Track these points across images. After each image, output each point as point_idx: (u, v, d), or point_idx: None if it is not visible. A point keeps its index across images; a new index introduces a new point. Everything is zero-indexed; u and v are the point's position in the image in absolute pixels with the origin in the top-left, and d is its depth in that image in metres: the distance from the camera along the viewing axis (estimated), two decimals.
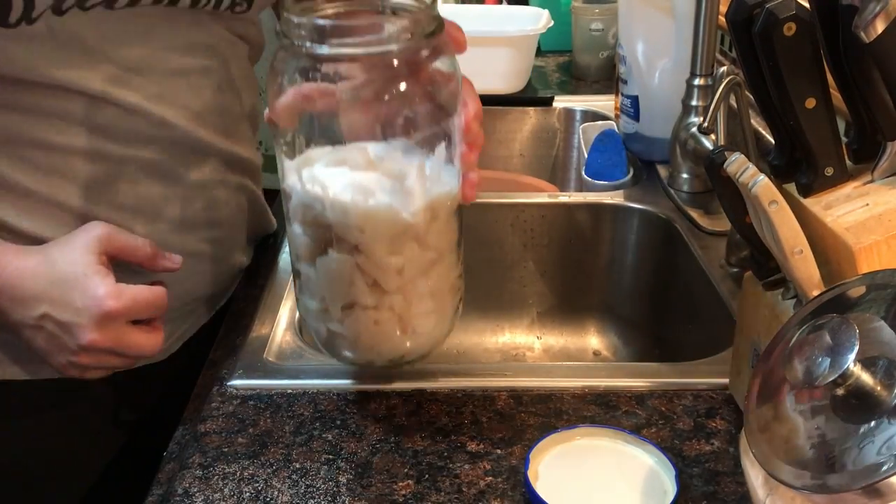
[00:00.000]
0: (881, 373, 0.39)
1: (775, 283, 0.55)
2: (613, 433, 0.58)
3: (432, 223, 0.53)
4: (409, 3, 0.52)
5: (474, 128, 0.53)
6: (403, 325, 0.54)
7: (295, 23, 0.48)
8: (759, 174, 0.48)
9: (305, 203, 0.52)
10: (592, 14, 1.30)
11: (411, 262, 0.52)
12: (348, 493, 0.54)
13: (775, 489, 0.42)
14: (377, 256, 0.51)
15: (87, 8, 0.53)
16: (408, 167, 0.51)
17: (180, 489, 0.54)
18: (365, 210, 0.50)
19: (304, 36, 0.48)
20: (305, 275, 0.55)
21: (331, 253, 0.52)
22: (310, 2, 0.51)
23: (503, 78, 1.24)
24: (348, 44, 0.48)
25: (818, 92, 0.49)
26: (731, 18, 0.50)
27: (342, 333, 0.55)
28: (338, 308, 0.54)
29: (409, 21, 0.49)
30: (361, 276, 0.52)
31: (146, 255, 0.59)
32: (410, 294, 0.53)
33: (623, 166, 1.03)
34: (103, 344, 0.55)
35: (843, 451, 0.39)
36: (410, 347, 0.56)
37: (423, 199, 0.51)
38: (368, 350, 0.55)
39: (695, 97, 0.90)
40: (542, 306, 0.99)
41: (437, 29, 0.50)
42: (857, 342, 0.39)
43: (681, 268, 0.87)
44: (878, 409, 0.39)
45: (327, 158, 0.52)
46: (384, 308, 0.53)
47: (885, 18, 0.44)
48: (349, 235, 0.51)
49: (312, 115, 0.51)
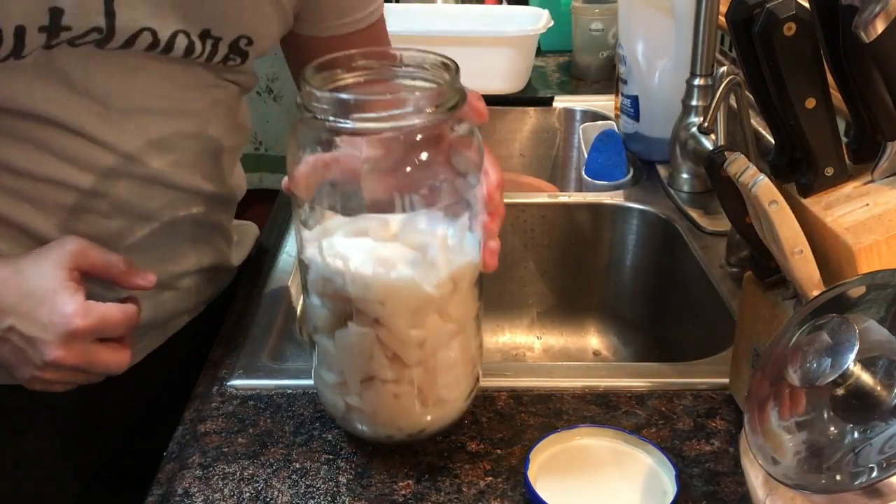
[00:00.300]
0: (881, 373, 0.39)
1: (775, 283, 0.55)
2: (613, 433, 0.58)
3: (454, 294, 0.52)
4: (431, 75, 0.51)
5: (496, 197, 0.53)
6: (424, 399, 0.53)
7: (317, 96, 0.48)
8: (758, 174, 0.48)
9: (325, 276, 0.50)
10: (592, 14, 1.30)
11: (432, 335, 0.51)
12: (348, 493, 0.54)
13: (775, 489, 0.42)
14: (398, 330, 0.50)
15: (76, 45, 0.53)
16: (429, 238, 0.50)
17: (180, 489, 0.54)
18: (386, 283, 0.49)
19: (326, 110, 0.47)
20: (323, 347, 0.54)
21: (350, 326, 0.51)
22: (329, 71, 0.51)
23: (503, 78, 1.24)
24: (370, 118, 0.47)
25: (818, 92, 0.49)
26: (731, 18, 0.50)
27: (360, 407, 0.54)
28: (356, 382, 0.53)
29: (432, 95, 0.48)
30: (381, 349, 0.51)
31: (119, 273, 0.58)
32: (431, 367, 0.52)
33: (623, 166, 1.03)
34: (68, 361, 0.55)
35: (843, 451, 0.39)
36: (430, 421, 0.55)
37: (446, 270, 0.51)
38: (388, 424, 0.54)
39: (695, 97, 0.90)
40: (542, 306, 0.99)
41: (459, 102, 0.49)
42: (857, 342, 0.39)
43: (681, 268, 0.87)
44: (878, 408, 0.39)
45: (347, 229, 0.51)
46: (404, 381, 0.52)
47: (885, 18, 0.44)
48: (370, 309, 0.50)
49: (332, 185, 0.50)
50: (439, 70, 0.51)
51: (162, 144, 0.61)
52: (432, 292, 0.50)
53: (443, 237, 0.51)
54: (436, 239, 0.50)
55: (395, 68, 0.52)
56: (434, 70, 0.51)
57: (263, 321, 0.72)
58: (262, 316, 0.73)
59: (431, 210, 0.50)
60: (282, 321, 0.72)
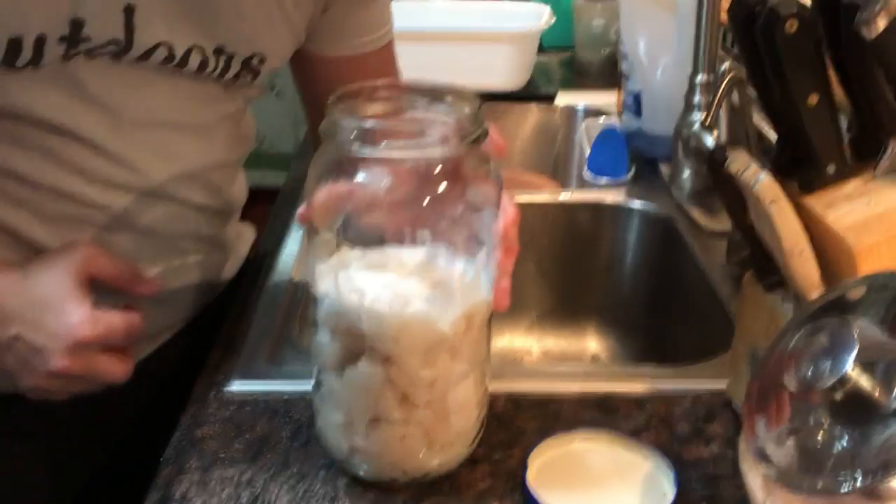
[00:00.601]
0: (880, 375, 0.39)
1: (775, 285, 0.54)
2: (612, 437, 0.57)
3: (467, 333, 0.51)
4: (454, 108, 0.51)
5: (511, 234, 0.53)
6: (430, 442, 0.52)
7: (339, 125, 0.48)
8: (760, 173, 0.48)
9: (339, 311, 0.50)
10: (594, 10, 1.29)
11: (443, 376, 0.51)
12: (346, 498, 0.54)
13: (774, 493, 0.41)
14: (410, 368, 0.49)
15: (93, 56, 0.54)
16: (445, 273, 0.50)
17: (178, 494, 0.54)
18: (401, 319, 0.48)
19: (348, 138, 0.47)
20: (329, 386, 0.52)
21: (361, 364, 0.50)
22: (351, 101, 0.51)
23: (505, 75, 1.24)
24: (393, 147, 0.47)
25: (820, 89, 0.49)
26: (732, 15, 0.49)
27: (366, 449, 0.52)
28: (363, 422, 0.51)
29: (455, 127, 0.48)
30: (391, 389, 0.50)
31: (125, 281, 0.58)
32: (439, 409, 0.51)
33: (625, 163, 1.03)
34: (73, 370, 0.54)
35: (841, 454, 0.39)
36: (436, 465, 0.54)
37: (461, 307, 0.50)
38: (392, 467, 0.53)
39: (697, 94, 0.90)
40: (540, 309, 0.98)
41: (482, 135, 0.49)
42: (857, 344, 0.39)
43: (680, 269, 0.86)
44: (876, 411, 0.39)
45: (362, 262, 0.51)
46: (412, 423, 0.51)
47: (887, 16, 0.44)
48: (383, 345, 0.49)
49: (349, 216, 0.50)
50: (462, 103, 0.51)
51: (167, 157, 0.61)
52: (446, 330, 0.50)
53: (459, 273, 0.50)
54: (451, 274, 0.50)
55: (417, 100, 0.52)
56: (456, 102, 0.51)
57: (261, 325, 0.72)
58: (259, 319, 0.73)
59: (447, 244, 0.50)
60: (280, 325, 0.72)
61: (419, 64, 1.24)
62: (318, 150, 0.51)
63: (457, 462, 0.55)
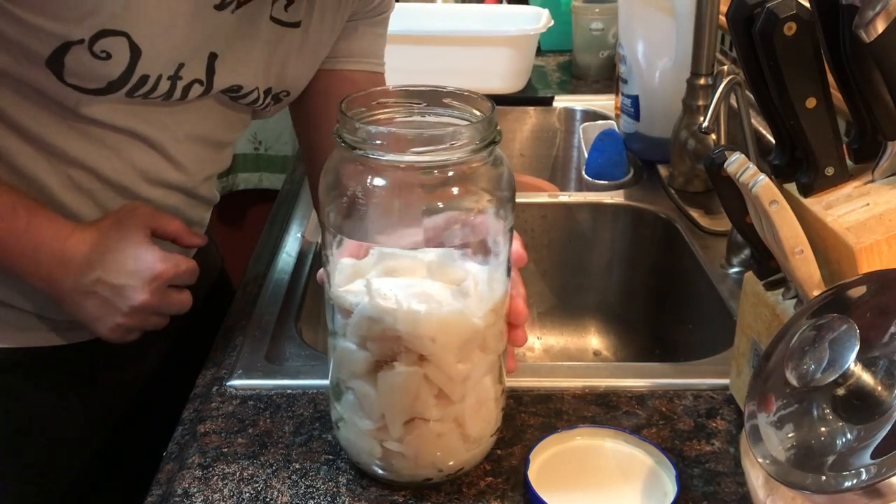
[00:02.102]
0: (881, 373, 0.39)
1: (776, 283, 0.55)
2: (614, 433, 0.58)
3: (494, 326, 0.52)
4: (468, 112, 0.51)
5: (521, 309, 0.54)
6: (464, 435, 0.53)
7: (354, 129, 0.48)
8: (759, 174, 0.48)
9: (373, 317, 0.49)
10: (592, 14, 1.30)
11: (476, 368, 0.52)
12: (348, 494, 0.54)
13: (776, 489, 0.41)
14: (446, 365, 0.50)
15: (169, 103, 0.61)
16: (462, 272, 0.51)
17: (180, 489, 0.54)
18: (439, 318, 0.49)
19: (362, 143, 0.48)
20: (361, 393, 0.52)
21: (396, 366, 0.50)
22: (364, 105, 0.51)
23: (503, 77, 1.24)
24: (407, 152, 0.47)
25: (819, 91, 0.49)
26: (731, 18, 0.50)
27: (401, 452, 0.52)
28: (399, 424, 0.52)
29: (470, 130, 0.48)
30: (428, 387, 0.51)
31: (180, 234, 0.65)
32: (471, 402, 0.52)
33: (623, 166, 1.03)
34: (151, 304, 0.60)
35: (843, 451, 0.39)
36: (469, 458, 0.54)
37: (490, 301, 0.51)
38: (429, 466, 0.53)
39: (695, 97, 0.90)
40: (542, 306, 0.98)
41: (496, 138, 0.50)
42: (858, 342, 0.39)
43: (681, 268, 0.87)
44: (878, 408, 0.39)
45: (379, 269, 0.51)
46: (448, 419, 0.52)
47: (886, 18, 0.44)
48: (419, 345, 0.49)
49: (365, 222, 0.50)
50: (477, 106, 0.52)
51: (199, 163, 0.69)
52: (480, 324, 0.51)
53: (478, 270, 0.51)
54: (471, 272, 0.51)
55: (430, 104, 0.53)
56: (472, 106, 0.52)
57: (263, 321, 0.72)
58: (261, 316, 0.73)
59: (463, 246, 0.51)
60: (281, 321, 0.72)
61: (418, 67, 1.25)
62: (331, 155, 0.51)
63: (485, 454, 0.56)
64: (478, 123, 0.49)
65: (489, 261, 0.52)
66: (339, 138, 0.49)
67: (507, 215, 0.51)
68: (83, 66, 0.55)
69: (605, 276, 0.97)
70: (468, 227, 0.50)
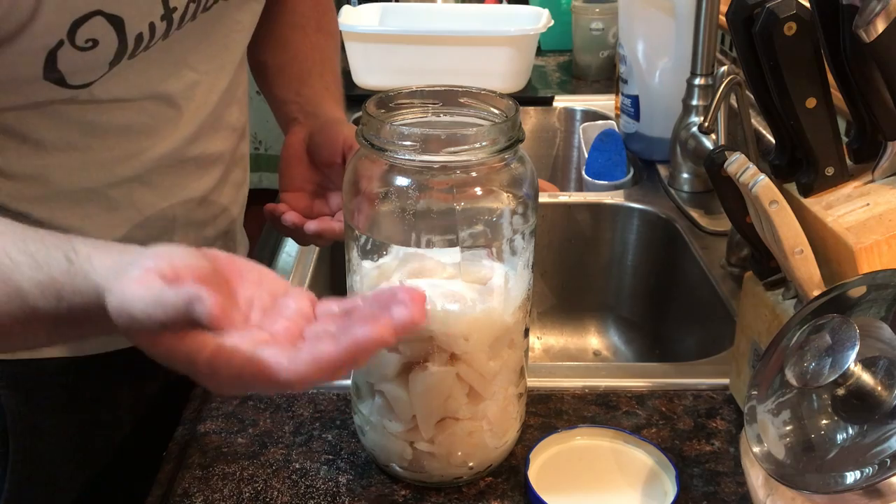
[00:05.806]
0: (881, 373, 0.39)
1: (776, 283, 0.55)
2: (614, 433, 0.58)
3: (520, 323, 0.53)
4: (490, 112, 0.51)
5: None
6: (494, 432, 0.53)
7: (378, 129, 0.48)
8: (759, 174, 0.48)
9: None
10: (593, 13, 1.30)
11: (506, 365, 0.52)
12: (348, 494, 0.54)
13: (776, 489, 0.41)
14: (479, 363, 0.50)
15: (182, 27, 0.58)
16: (488, 271, 0.51)
17: (180, 489, 0.54)
18: (472, 317, 0.49)
19: (388, 143, 0.48)
20: (392, 395, 0.52)
21: (429, 367, 0.50)
22: (388, 106, 0.51)
23: (503, 77, 1.24)
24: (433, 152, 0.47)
25: (819, 92, 0.49)
26: (731, 18, 0.50)
27: (432, 452, 0.52)
28: (430, 425, 0.52)
29: (493, 131, 0.48)
30: (460, 386, 0.51)
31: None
32: (500, 398, 0.53)
33: (623, 166, 1.03)
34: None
35: (843, 451, 0.39)
36: (498, 454, 0.55)
37: (518, 299, 0.52)
38: (461, 464, 0.53)
39: (695, 97, 0.90)
40: (542, 306, 0.98)
41: (520, 137, 0.50)
42: (858, 342, 0.39)
43: (681, 268, 0.87)
44: (878, 408, 0.39)
45: (403, 272, 0.51)
46: (479, 417, 0.52)
47: (886, 18, 0.44)
48: (452, 345, 0.50)
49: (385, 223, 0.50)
50: (495, 104, 0.52)
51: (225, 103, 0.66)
52: (510, 322, 0.51)
53: (503, 269, 0.51)
54: (495, 271, 0.51)
55: (454, 105, 0.53)
56: (490, 104, 0.52)
57: None
58: None
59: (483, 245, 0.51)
60: None
61: (418, 67, 1.25)
62: (356, 153, 0.51)
63: (510, 448, 0.56)
64: (502, 123, 0.49)
65: (513, 260, 0.52)
66: (364, 139, 0.49)
67: (530, 215, 0.52)
68: (78, 64, 0.53)
69: (605, 276, 0.97)
70: (491, 227, 0.50)
